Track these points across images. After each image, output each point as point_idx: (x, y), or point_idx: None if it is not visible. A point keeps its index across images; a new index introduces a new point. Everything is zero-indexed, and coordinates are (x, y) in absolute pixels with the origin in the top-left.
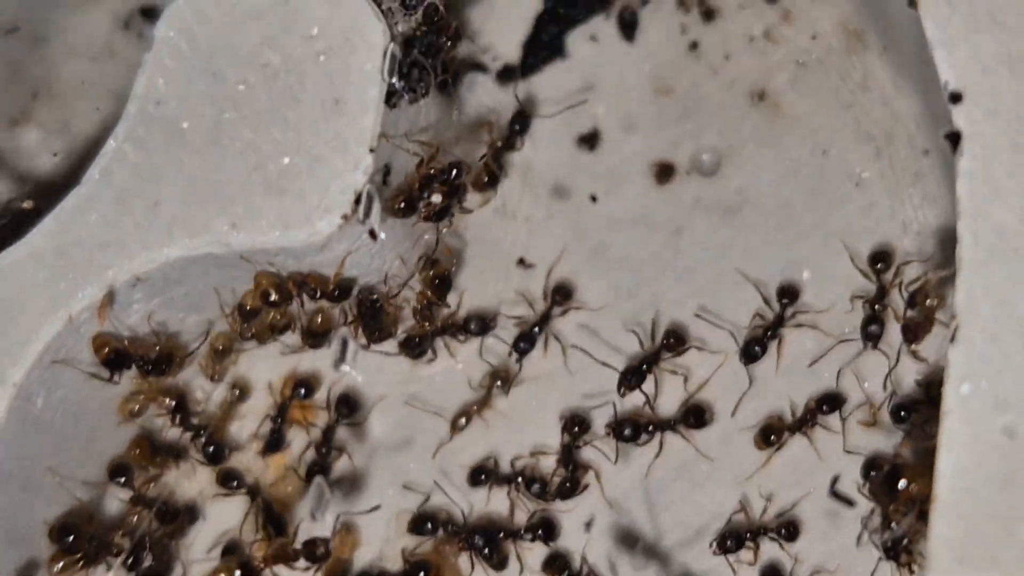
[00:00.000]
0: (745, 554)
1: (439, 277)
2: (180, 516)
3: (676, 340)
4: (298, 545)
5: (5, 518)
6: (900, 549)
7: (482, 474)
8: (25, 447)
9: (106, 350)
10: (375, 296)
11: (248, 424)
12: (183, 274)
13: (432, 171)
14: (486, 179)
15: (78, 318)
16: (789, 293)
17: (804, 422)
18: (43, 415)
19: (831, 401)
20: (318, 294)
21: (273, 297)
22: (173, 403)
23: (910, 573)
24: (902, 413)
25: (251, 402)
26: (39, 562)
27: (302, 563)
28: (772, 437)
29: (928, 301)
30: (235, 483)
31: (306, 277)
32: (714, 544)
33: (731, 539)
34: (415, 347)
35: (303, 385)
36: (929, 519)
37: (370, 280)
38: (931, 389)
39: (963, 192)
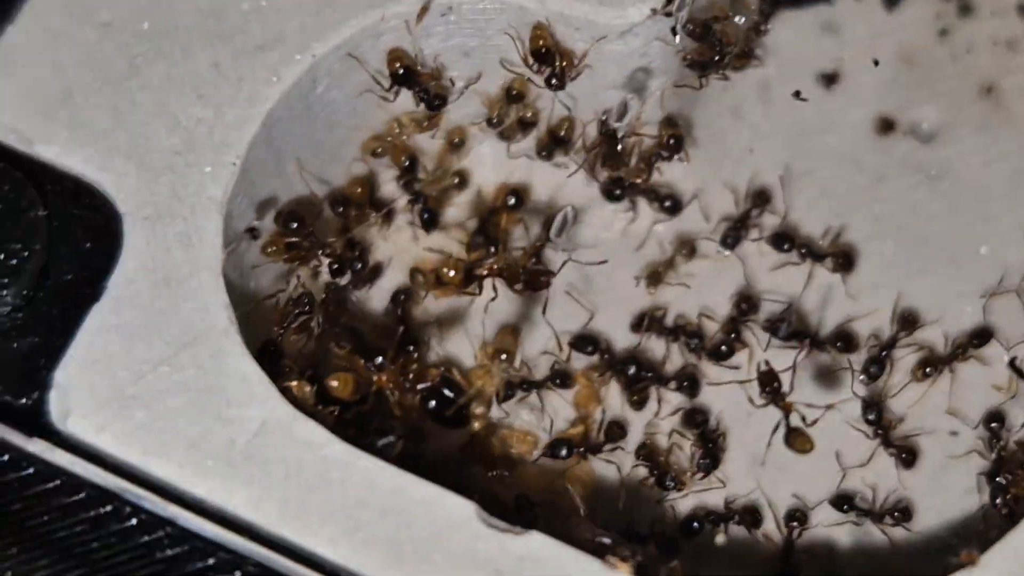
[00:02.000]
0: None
1: (674, 137)
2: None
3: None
4: None
5: (257, 173)
6: None
7: (647, 320)
8: (293, 122)
9: (398, 64)
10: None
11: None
12: (484, 21)
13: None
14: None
15: (387, 21)
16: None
17: (955, 356)
18: (315, 106)
19: (982, 336)
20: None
21: (544, 50)
22: (407, 162)
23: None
24: None
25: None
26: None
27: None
28: (928, 369)
29: None
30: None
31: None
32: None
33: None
34: (617, 192)
35: (516, 195)
36: None
37: (624, 97)
38: None
39: None
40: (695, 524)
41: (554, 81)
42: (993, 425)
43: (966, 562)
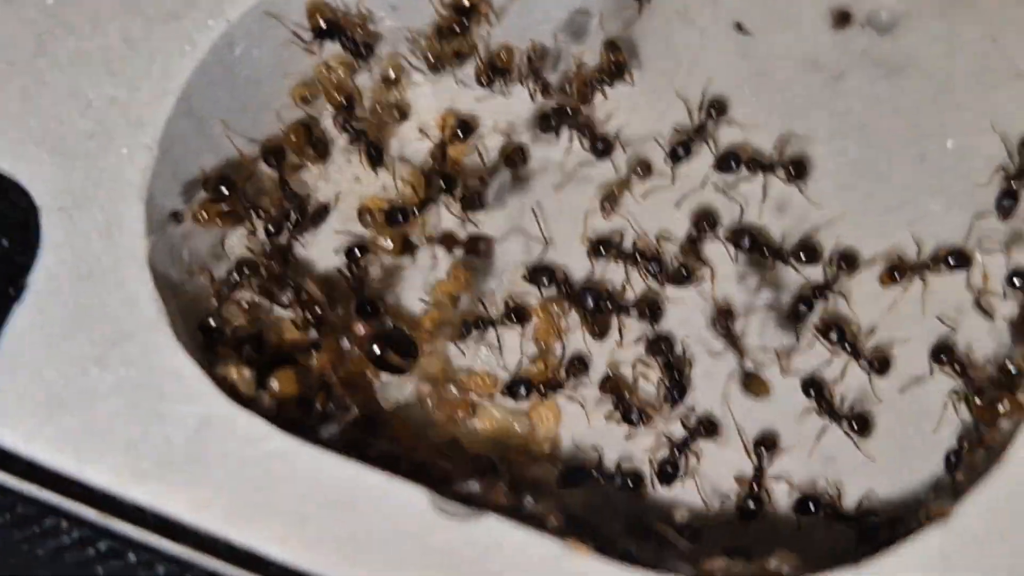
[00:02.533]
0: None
1: (616, 63)
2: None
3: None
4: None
5: (179, 149)
6: None
7: (604, 246)
8: (213, 89)
9: (319, 17)
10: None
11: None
12: None
13: None
14: None
15: None
16: None
17: (927, 267)
18: (236, 66)
19: (959, 257)
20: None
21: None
22: (344, 100)
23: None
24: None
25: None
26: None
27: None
28: (897, 275)
29: None
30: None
31: None
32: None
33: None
34: (552, 123)
35: (464, 125)
36: None
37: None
38: None
39: None
40: (668, 468)
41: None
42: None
43: (937, 516)
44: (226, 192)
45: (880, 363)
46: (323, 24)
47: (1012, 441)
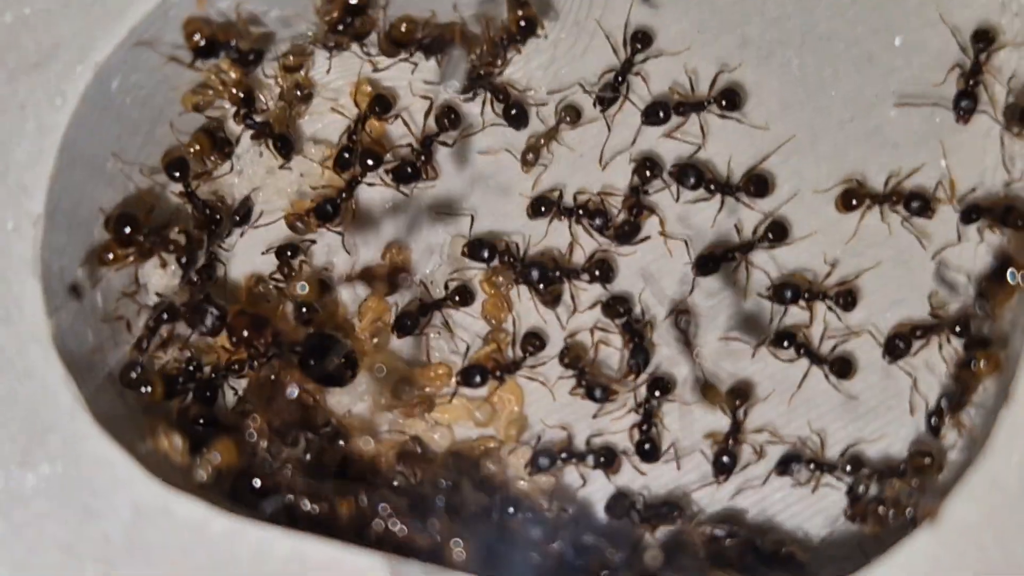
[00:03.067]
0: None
1: (525, 19)
2: (223, 219)
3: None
4: None
5: (71, 201)
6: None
7: (544, 205)
8: (96, 130)
9: (197, 36)
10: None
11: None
12: None
13: None
14: None
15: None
16: None
17: (888, 199)
18: (117, 97)
19: (920, 199)
20: None
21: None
22: (241, 95)
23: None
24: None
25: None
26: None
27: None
28: (854, 202)
29: None
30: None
31: None
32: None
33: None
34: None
35: (380, 100)
36: None
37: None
38: None
39: None
40: (647, 443)
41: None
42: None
43: (927, 515)
44: (129, 231)
45: (846, 299)
46: (202, 42)
47: (990, 433)
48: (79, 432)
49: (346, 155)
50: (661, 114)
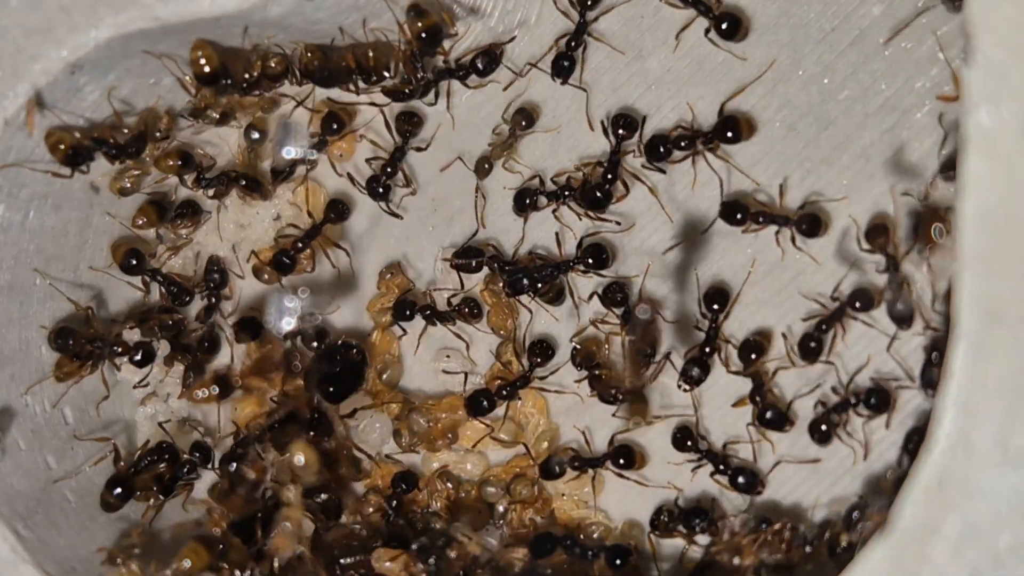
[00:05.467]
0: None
1: (426, 30)
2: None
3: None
4: None
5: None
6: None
7: (528, 196)
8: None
9: (62, 147)
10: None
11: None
12: (126, 51)
13: None
14: None
15: (15, 119)
16: None
17: None
18: (10, 218)
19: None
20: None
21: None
22: (181, 161)
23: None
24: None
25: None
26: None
27: None
28: None
29: None
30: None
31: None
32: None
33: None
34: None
35: (335, 120)
36: (953, 276)
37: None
38: None
39: None
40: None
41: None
42: None
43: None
44: (70, 342)
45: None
46: (70, 152)
47: (929, 431)
48: None
49: (285, 260)
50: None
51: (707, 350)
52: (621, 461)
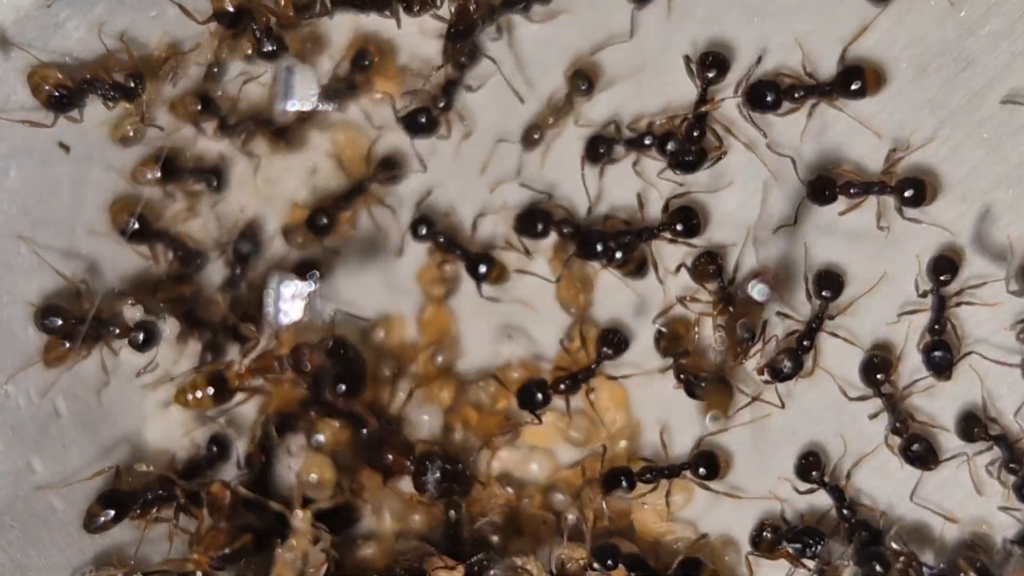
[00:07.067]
0: None
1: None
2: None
3: None
4: None
5: None
6: None
7: (602, 145)
8: None
9: (47, 88)
10: None
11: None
12: None
13: None
14: None
15: None
16: None
17: None
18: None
19: None
20: None
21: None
22: (198, 105)
23: None
24: None
25: None
26: None
27: None
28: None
29: None
30: None
31: None
32: None
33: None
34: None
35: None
36: None
37: None
38: None
39: None
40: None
41: None
42: None
43: None
44: (57, 322)
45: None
46: (56, 94)
47: None
48: None
49: (323, 220)
50: None
51: (804, 343)
52: (702, 471)
